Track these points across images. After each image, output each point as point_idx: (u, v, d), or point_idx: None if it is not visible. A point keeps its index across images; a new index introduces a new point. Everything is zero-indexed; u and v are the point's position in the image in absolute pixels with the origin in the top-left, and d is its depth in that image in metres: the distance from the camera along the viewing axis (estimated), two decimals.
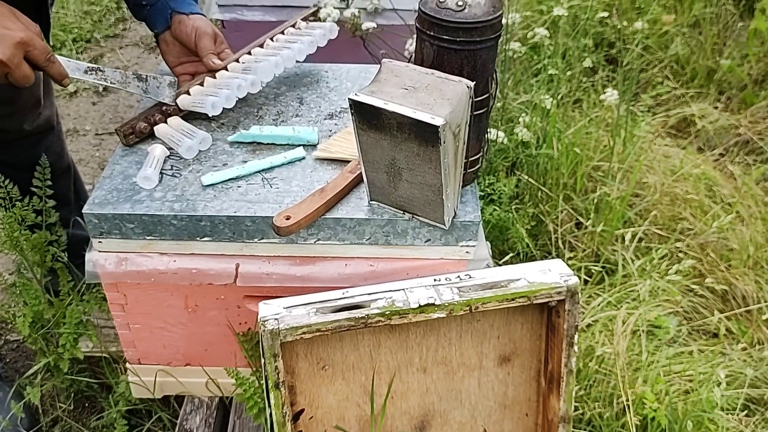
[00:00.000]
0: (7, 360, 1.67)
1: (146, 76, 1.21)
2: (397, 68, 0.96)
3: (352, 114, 0.95)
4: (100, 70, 1.15)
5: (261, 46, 1.34)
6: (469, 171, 1.10)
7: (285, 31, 1.40)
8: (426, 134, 0.89)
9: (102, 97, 2.78)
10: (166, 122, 1.22)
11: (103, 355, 1.42)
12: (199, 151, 1.18)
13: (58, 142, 1.56)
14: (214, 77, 1.25)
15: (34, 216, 1.27)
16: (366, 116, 0.94)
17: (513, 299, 0.98)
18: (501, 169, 1.84)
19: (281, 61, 1.29)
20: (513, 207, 1.78)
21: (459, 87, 0.92)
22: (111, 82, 1.17)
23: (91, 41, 3.11)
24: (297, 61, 1.33)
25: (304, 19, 1.44)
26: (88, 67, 1.13)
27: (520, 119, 1.88)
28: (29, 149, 1.45)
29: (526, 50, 2.20)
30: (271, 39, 1.36)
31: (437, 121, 0.87)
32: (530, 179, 1.84)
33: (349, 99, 0.92)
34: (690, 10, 2.68)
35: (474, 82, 0.93)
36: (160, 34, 1.28)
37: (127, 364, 1.28)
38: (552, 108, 1.88)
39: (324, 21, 1.50)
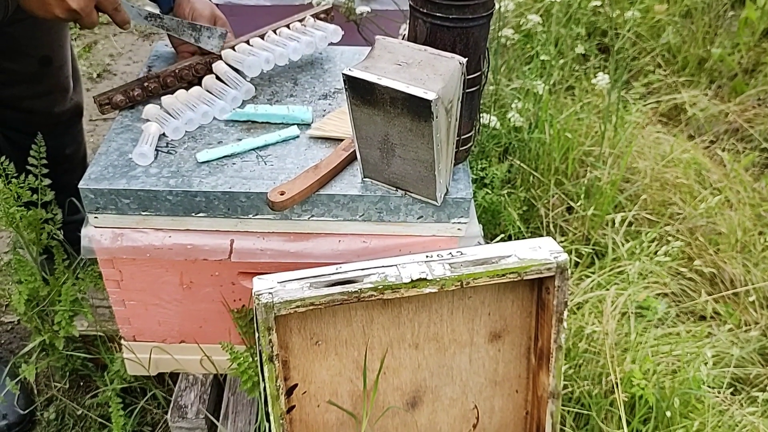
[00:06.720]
0: (2, 341, 1.67)
1: (200, 26, 1.26)
2: (390, 45, 0.97)
3: (345, 90, 0.96)
4: (159, 17, 1.24)
5: (262, 37, 1.32)
6: (461, 149, 1.12)
7: (291, 26, 1.36)
8: (419, 109, 0.90)
9: (96, 83, 2.77)
10: (146, 98, 1.23)
11: (98, 333, 1.43)
12: (199, 125, 1.20)
13: (81, 133, 1.59)
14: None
15: (29, 194, 1.28)
16: (359, 92, 0.95)
17: (503, 275, 1.00)
18: (493, 154, 1.86)
19: (272, 57, 1.28)
20: (505, 191, 1.79)
21: (451, 63, 0.93)
22: (167, 29, 1.25)
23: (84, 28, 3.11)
24: (290, 60, 1.32)
25: (315, 16, 1.40)
26: (149, 13, 1.23)
27: (513, 105, 1.89)
28: (55, 139, 1.44)
29: (520, 37, 2.21)
30: (274, 31, 1.34)
31: (430, 96, 0.88)
32: (522, 164, 1.86)
33: (342, 74, 0.93)
34: None
35: (466, 59, 0.94)
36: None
37: (123, 341, 1.29)
38: (544, 94, 1.90)
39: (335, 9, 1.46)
